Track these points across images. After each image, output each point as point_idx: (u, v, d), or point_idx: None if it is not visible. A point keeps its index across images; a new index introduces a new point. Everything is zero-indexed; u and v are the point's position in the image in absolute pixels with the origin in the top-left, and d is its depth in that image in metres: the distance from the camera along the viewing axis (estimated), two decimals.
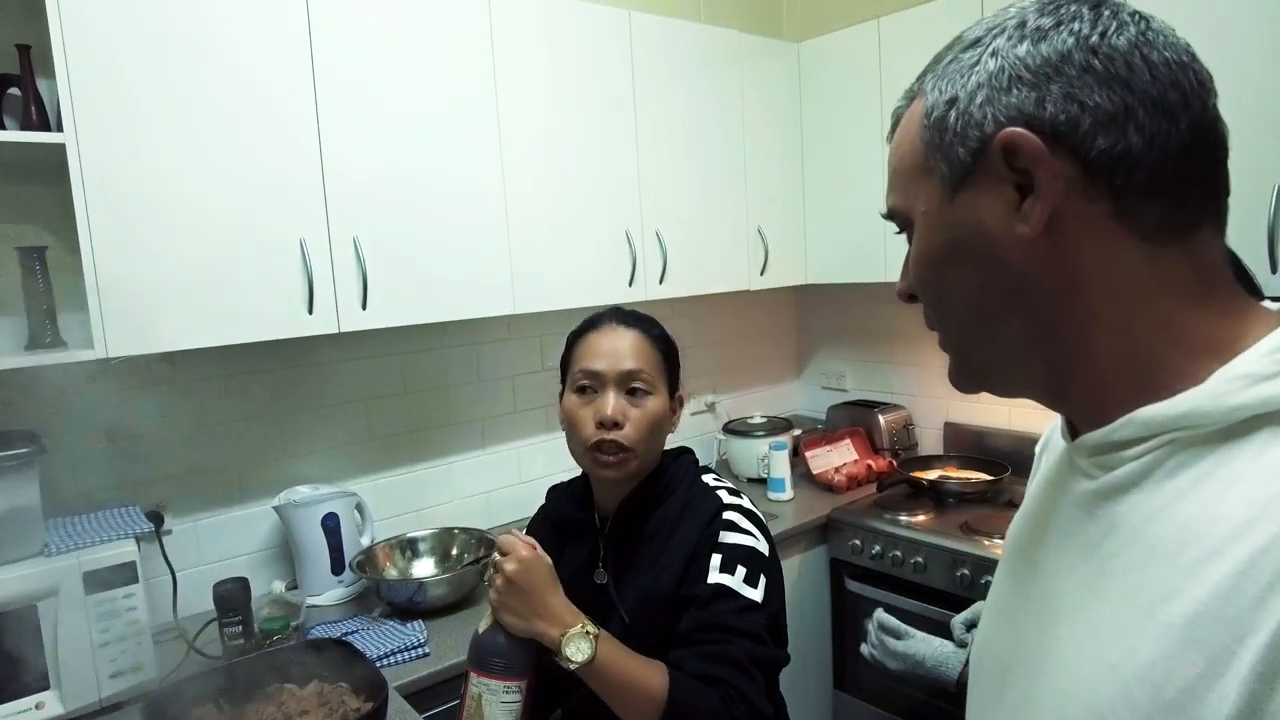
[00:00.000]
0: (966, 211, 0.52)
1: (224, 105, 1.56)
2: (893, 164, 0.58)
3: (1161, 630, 0.44)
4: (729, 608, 1.06)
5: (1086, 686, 0.48)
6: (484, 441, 2.39)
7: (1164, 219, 0.49)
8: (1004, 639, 0.61)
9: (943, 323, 0.58)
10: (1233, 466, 0.45)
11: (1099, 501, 0.52)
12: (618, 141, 2.21)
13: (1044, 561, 0.58)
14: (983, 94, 0.51)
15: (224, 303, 1.59)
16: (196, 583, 1.84)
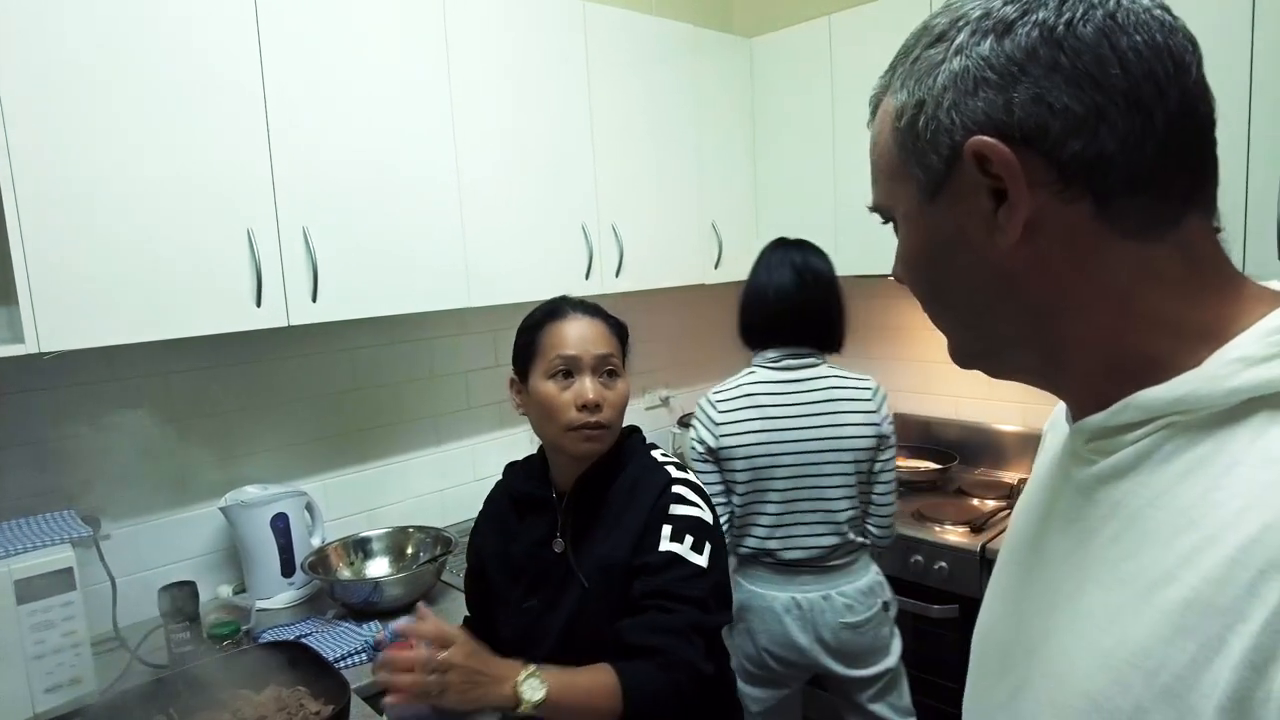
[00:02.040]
0: (945, 218, 0.52)
1: (166, 89, 1.49)
2: (872, 159, 0.58)
3: (1156, 616, 0.44)
4: (678, 574, 1.14)
5: (1081, 671, 0.48)
6: (437, 439, 2.34)
7: (1147, 213, 0.48)
8: (1005, 623, 0.61)
9: (935, 315, 0.58)
10: (1229, 451, 0.44)
11: (1098, 486, 0.52)
12: (573, 134, 2.19)
13: (1044, 546, 0.57)
14: (949, 97, 0.49)
15: (166, 295, 1.52)
16: (138, 589, 1.76)
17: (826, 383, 1.80)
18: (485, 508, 1.48)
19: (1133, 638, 0.45)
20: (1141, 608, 0.45)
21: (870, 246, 2.18)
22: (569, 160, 2.18)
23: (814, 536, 1.80)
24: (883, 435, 1.81)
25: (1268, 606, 0.39)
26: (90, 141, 1.42)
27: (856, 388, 1.81)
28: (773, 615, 1.81)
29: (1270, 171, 1.54)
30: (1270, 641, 0.38)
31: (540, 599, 1.26)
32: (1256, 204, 1.57)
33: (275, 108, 1.63)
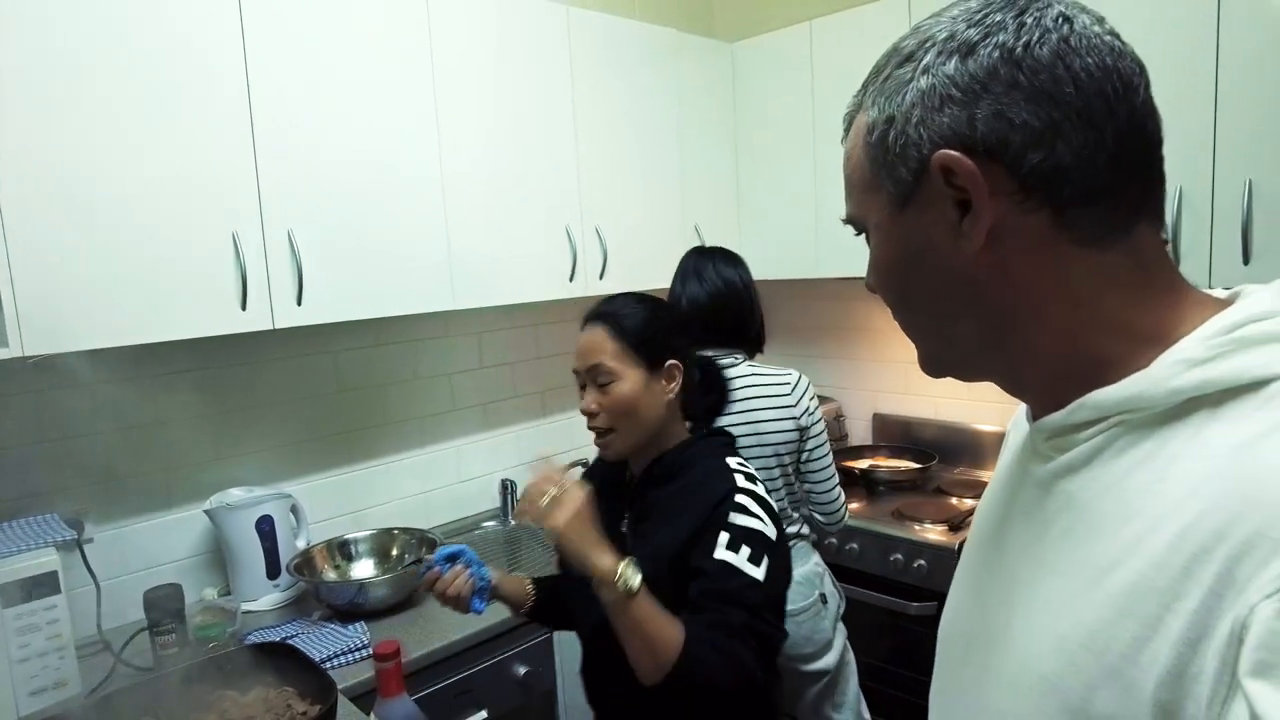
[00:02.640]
0: (913, 227, 0.55)
1: (152, 93, 1.49)
2: (846, 172, 0.60)
3: (1103, 599, 0.47)
4: (734, 583, 1.13)
5: (1037, 655, 0.51)
6: (422, 440, 2.35)
7: (1102, 222, 0.51)
8: (968, 614, 0.63)
9: (904, 322, 0.61)
10: (1172, 446, 0.47)
11: (1054, 481, 0.55)
12: (557, 137, 2.20)
13: (1006, 539, 0.60)
14: (916, 114, 0.52)
15: (151, 298, 1.52)
16: (122, 593, 1.76)
17: (743, 380, 1.84)
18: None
19: (1084, 621, 0.48)
20: (1091, 593, 0.48)
21: (850, 250, 2.19)
22: (553, 163, 2.20)
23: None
24: (802, 427, 1.84)
25: (1202, 587, 0.41)
26: (75, 145, 1.42)
27: (772, 383, 1.85)
28: None
29: (1235, 180, 1.59)
30: (1203, 620, 0.41)
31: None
32: (1222, 213, 1.61)
33: (260, 111, 1.64)
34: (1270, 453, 0.42)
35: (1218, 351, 0.46)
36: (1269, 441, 0.42)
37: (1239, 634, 0.39)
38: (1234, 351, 0.46)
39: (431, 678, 1.69)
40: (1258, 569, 0.39)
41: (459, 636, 1.72)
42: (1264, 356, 0.45)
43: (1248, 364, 0.45)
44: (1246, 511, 0.41)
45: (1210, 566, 0.41)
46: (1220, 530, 0.41)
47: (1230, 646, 0.39)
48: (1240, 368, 0.46)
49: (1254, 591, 0.39)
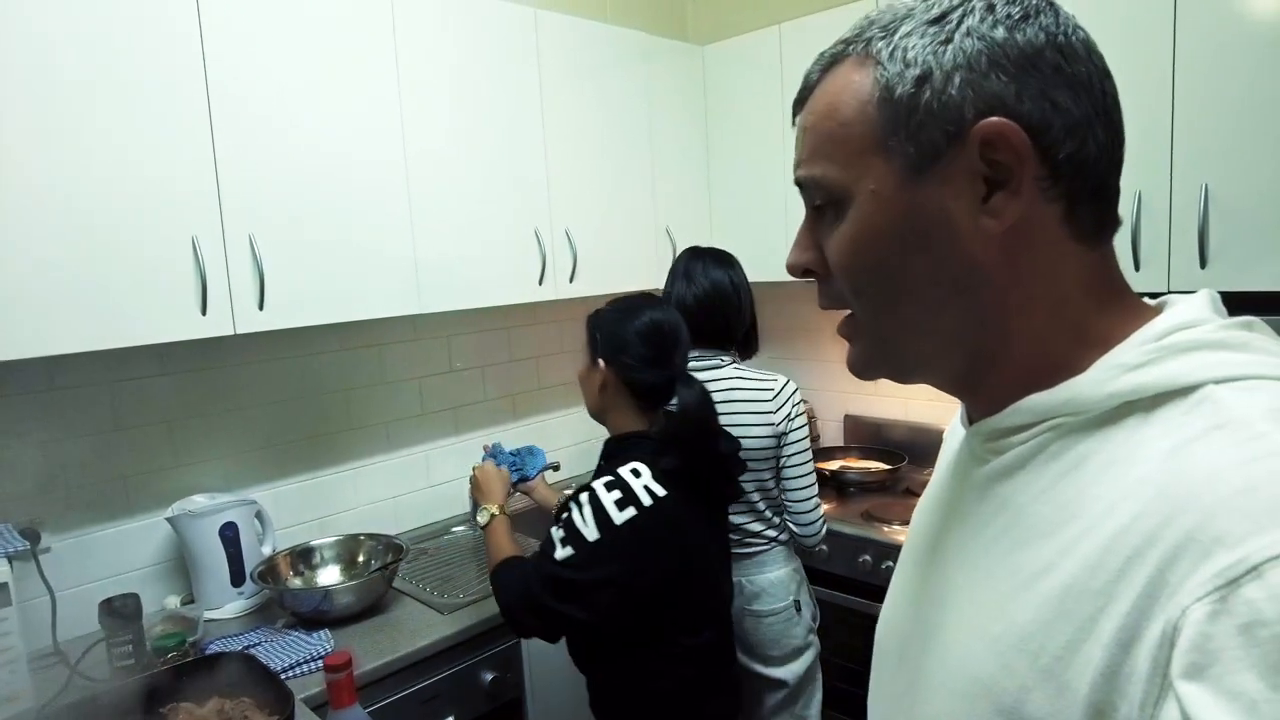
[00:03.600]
0: (928, 198, 0.50)
1: (106, 94, 1.47)
2: (824, 130, 0.54)
3: (1038, 602, 0.47)
4: (546, 549, 1.43)
5: (972, 657, 0.51)
6: (390, 445, 2.34)
7: (1098, 221, 0.51)
8: (903, 617, 0.63)
9: (874, 309, 0.55)
10: (1107, 450, 0.47)
11: (990, 484, 0.55)
12: (526, 139, 2.19)
13: (942, 542, 0.60)
14: (961, 75, 0.48)
15: (109, 303, 1.50)
16: (80, 603, 1.73)
17: (728, 384, 1.86)
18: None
19: (1018, 624, 0.48)
20: (1026, 595, 0.48)
21: None
22: (522, 165, 2.19)
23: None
24: (781, 433, 1.84)
25: (1135, 590, 0.41)
26: (28, 146, 1.39)
27: (756, 388, 1.85)
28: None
29: (1192, 185, 1.61)
30: (1135, 621, 0.41)
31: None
32: (1179, 217, 1.63)
33: (219, 111, 1.61)
34: (1199, 456, 0.42)
35: (1150, 358, 0.47)
36: (1198, 445, 0.43)
37: (1171, 636, 0.39)
38: (1164, 358, 0.47)
39: (397, 685, 1.67)
40: (1189, 572, 0.39)
41: (425, 643, 1.71)
42: (1192, 363, 0.46)
43: (1178, 370, 0.46)
44: (1178, 515, 0.41)
45: (1143, 569, 0.41)
46: (1152, 534, 0.42)
47: (1162, 648, 0.40)
48: (1171, 373, 0.46)
49: (1185, 594, 0.39)
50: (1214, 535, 0.39)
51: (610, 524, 1.37)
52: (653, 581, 1.41)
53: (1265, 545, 0.37)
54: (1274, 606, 0.36)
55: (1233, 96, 1.55)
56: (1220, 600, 0.37)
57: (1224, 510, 0.39)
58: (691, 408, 1.51)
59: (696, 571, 1.49)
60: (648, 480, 1.42)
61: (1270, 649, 0.36)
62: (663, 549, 1.42)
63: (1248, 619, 0.36)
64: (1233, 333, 0.47)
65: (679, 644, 1.49)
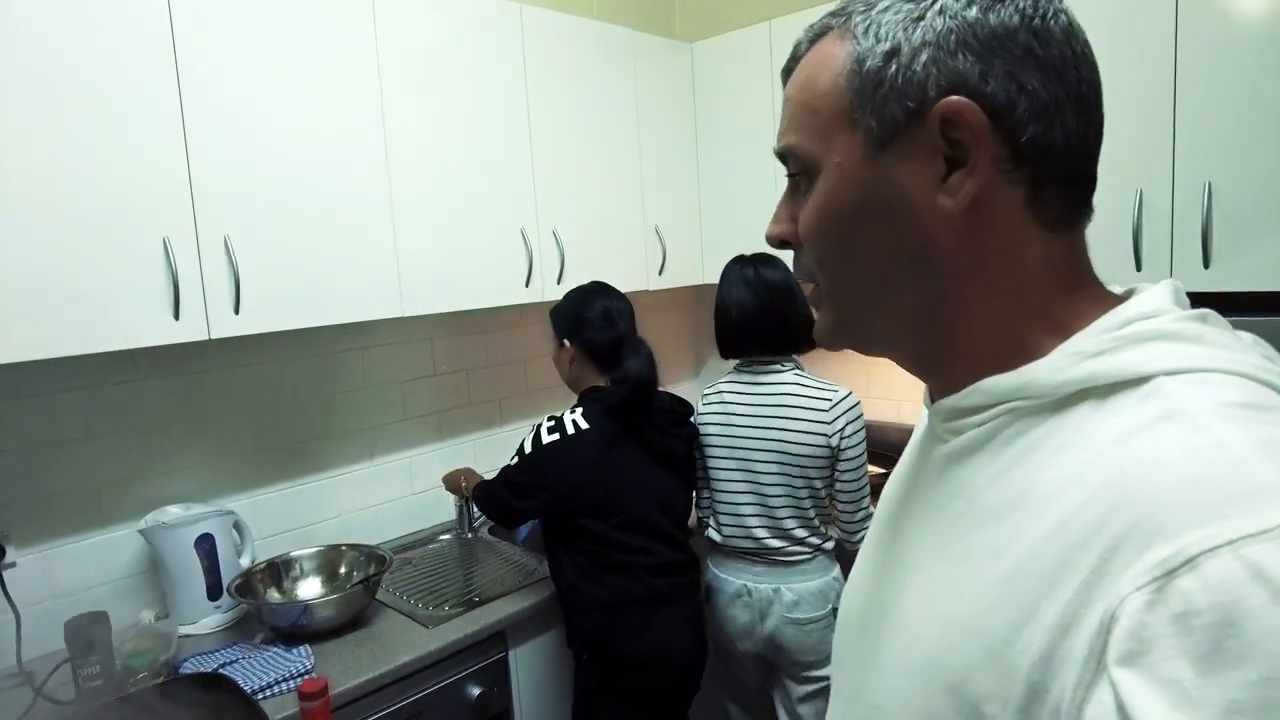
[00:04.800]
0: (889, 173, 0.51)
1: (72, 90, 1.40)
2: (801, 100, 0.54)
3: (987, 584, 0.47)
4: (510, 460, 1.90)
5: (923, 635, 0.52)
6: (372, 452, 2.27)
7: (1066, 208, 0.51)
8: (863, 594, 0.64)
9: (834, 281, 0.56)
10: (1059, 435, 0.48)
11: (948, 465, 0.56)
12: (511, 137, 2.14)
13: (901, 520, 0.61)
14: (928, 53, 0.49)
15: (77, 309, 1.43)
16: (47, 620, 1.66)
17: (785, 389, 1.88)
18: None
19: (967, 604, 0.49)
20: (976, 577, 0.49)
21: None
22: (507, 164, 2.14)
23: (756, 530, 1.90)
24: (834, 446, 1.84)
25: (1079, 576, 0.42)
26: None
27: (814, 397, 1.86)
28: (725, 598, 1.94)
29: (1195, 183, 1.57)
30: (1075, 608, 0.42)
31: None
32: (1181, 216, 1.59)
33: (192, 108, 1.55)
34: (1146, 447, 0.43)
35: (1108, 346, 0.48)
36: (1145, 435, 0.43)
37: (1108, 624, 0.40)
38: (1122, 347, 0.47)
39: (380, 702, 1.61)
40: (1129, 562, 0.40)
41: (409, 658, 1.65)
42: (1148, 353, 0.46)
43: (1133, 359, 0.47)
44: (1122, 505, 0.41)
45: (1087, 557, 0.42)
46: (1098, 521, 0.42)
47: (1099, 634, 0.40)
48: (1126, 363, 0.47)
49: (1124, 583, 0.39)
50: (1155, 527, 0.40)
51: (539, 443, 1.82)
52: (570, 491, 1.78)
53: (1202, 538, 0.38)
54: (1207, 597, 0.37)
55: (1236, 92, 1.51)
56: (1157, 590, 0.38)
57: (1165, 502, 0.40)
58: (632, 369, 1.83)
59: (618, 493, 1.80)
60: (576, 417, 1.83)
61: (1202, 638, 0.37)
62: (577, 465, 1.78)
63: (1182, 609, 0.37)
64: (1188, 324, 0.48)
65: (611, 556, 1.79)
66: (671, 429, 1.91)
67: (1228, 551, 0.37)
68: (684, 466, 1.96)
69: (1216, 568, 0.37)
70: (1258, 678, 0.35)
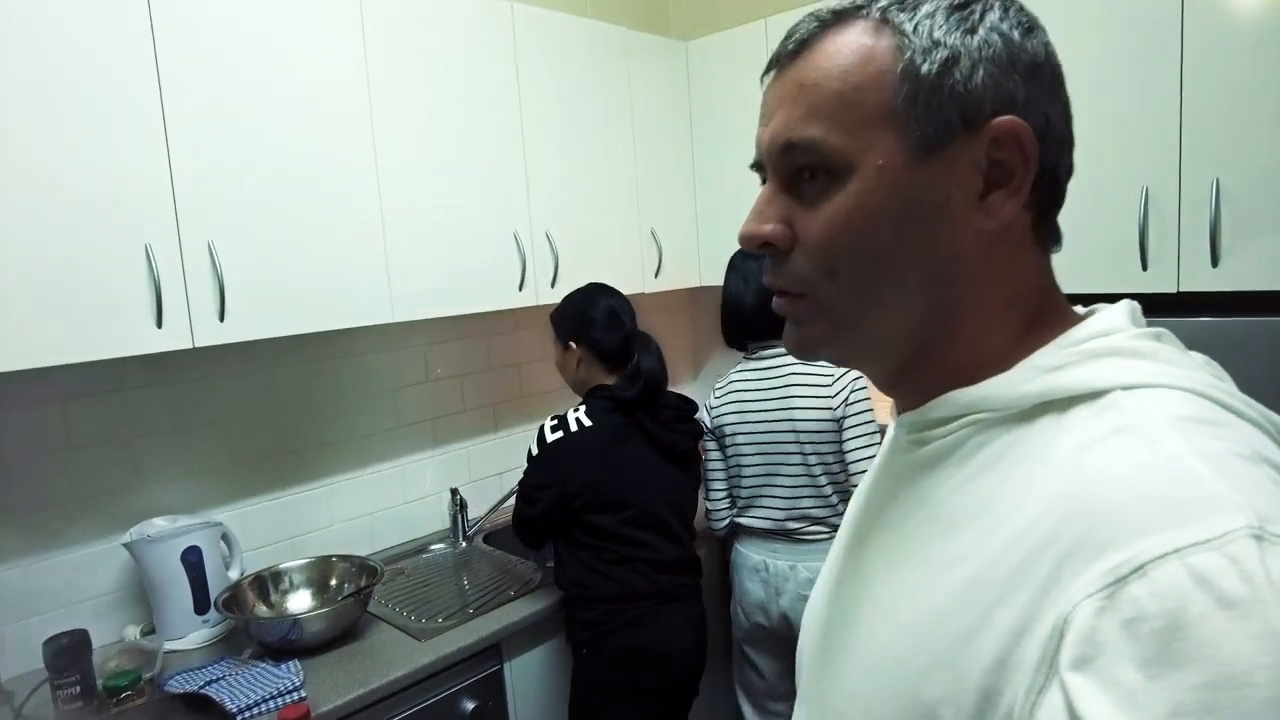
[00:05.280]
0: (936, 180, 0.50)
1: (47, 93, 1.36)
2: (833, 91, 0.50)
3: (946, 590, 0.48)
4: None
5: (882, 640, 0.53)
6: (365, 460, 2.23)
7: (1053, 234, 0.54)
8: (826, 601, 0.65)
9: (846, 290, 0.52)
10: (1021, 447, 0.49)
11: (913, 474, 0.56)
12: (503, 139, 2.10)
13: (867, 530, 0.62)
14: (985, 67, 0.49)
15: (54, 318, 1.39)
16: (27, 638, 1.62)
17: (789, 369, 1.97)
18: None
19: (927, 609, 0.49)
20: (936, 584, 0.49)
21: None
22: (499, 166, 2.09)
23: (775, 510, 1.98)
24: (839, 418, 1.90)
25: (1033, 583, 0.43)
26: None
27: (816, 373, 1.94)
28: (745, 572, 2.04)
29: (1202, 181, 1.53)
30: (1030, 614, 0.42)
31: None
32: (1189, 214, 1.55)
33: (173, 110, 1.51)
34: (1099, 459, 0.44)
35: (1067, 361, 0.49)
36: (1099, 448, 0.44)
37: (1061, 629, 0.40)
38: (1080, 362, 0.49)
39: (371, 718, 1.57)
40: (1081, 570, 0.41)
41: (401, 673, 1.61)
42: (1104, 368, 0.48)
43: (1090, 374, 0.48)
44: (1077, 514, 0.42)
45: (1042, 564, 0.43)
46: (1053, 530, 0.43)
47: (1051, 640, 0.41)
48: (1084, 377, 0.48)
49: (1076, 590, 0.40)
50: (1107, 536, 0.40)
51: (544, 442, 1.82)
52: (577, 487, 1.77)
53: (1151, 546, 0.39)
54: (1155, 603, 0.38)
55: (1244, 87, 1.47)
56: (1108, 597, 0.39)
57: (1117, 512, 0.41)
58: (645, 365, 1.84)
59: (625, 488, 1.79)
60: (580, 414, 1.82)
61: (1149, 643, 0.37)
62: (583, 462, 1.78)
63: (1131, 615, 0.38)
64: (1143, 342, 0.50)
65: (617, 551, 1.78)
66: (676, 425, 1.91)
67: (1175, 559, 0.38)
68: (690, 462, 1.96)
69: (1164, 575, 0.38)
70: (1201, 681, 0.36)
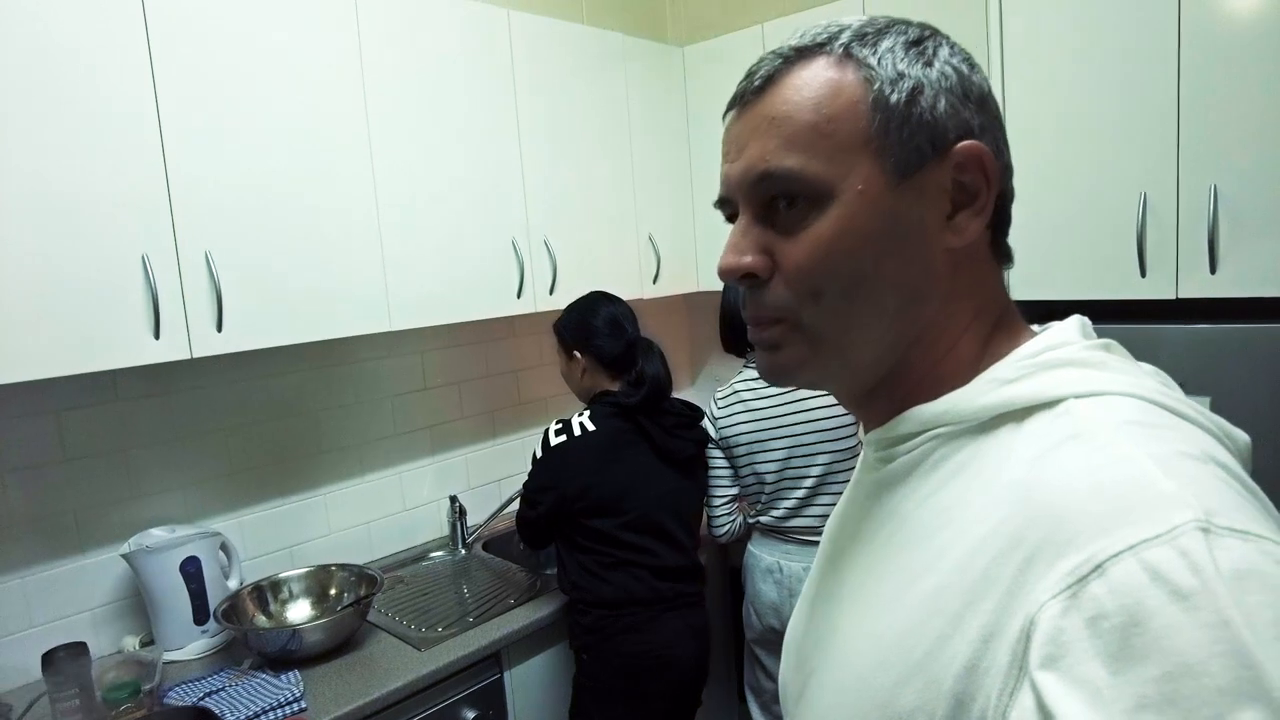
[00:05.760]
0: (911, 204, 0.52)
1: (42, 98, 1.36)
2: (807, 122, 0.52)
3: (914, 602, 0.49)
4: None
5: (855, 654, 0.53)
6: (362, 468, 2.22)
7: (1006, 251, 0.58)
8: (803, 623, 0.66)
9: (829, 313, 0.53)
10: (981, 457, 0.50)
11: (880, 492, 0.58)
12: (500, 145, 2.10)
13: (839, 548, 0.63)
14: (945, 98, 0.52)
15: (51, 329, 1.38)
16: (26, 649, 1.62)
17: None
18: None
19: (898, 622, 0.50)
20: (905, 596, 0.50)
21: None
22: (497, 173, 2.09)
23: (789, 516, 1.97)
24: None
25: (999, 588, 0.44)
26: None
27: None
28: (758, 574, 2.02)
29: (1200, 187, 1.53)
30: (997, 618, 0.43)
31: None
32: (1187, 221, 1.55)
33: (170, 119, 1.50)
34: (1056, 464, 0.45)
35: (1023, 373, 0.51)
36: (1056, 454, 0.46)
37: (1029, 630, 0.41)
38: (1035, 373, 0.51)
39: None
40: (1044, 571, 0.42)
41: (400, 683, 1.60)
42: (1058, 378, 0.50)
43: (1045, 384, 0.50)
44: (1037, 519, 0.44)
45: (1007, 569, 0.44)
46: (1016, 536, 0.44)
47: (1020, 642, 0.42)
48: (1040, 387, 0.50)
49: (1042, 591, 0.41)
50: (1066, 537, 0.42)
51: (547, 445, 1.84)
52: (577, 490, 1.78)
53: (1108, 545, 0.40)
54: (1114, 600, 0.39)
55: (1242, 92, 1.47)
56: (1071, 597, 0.40)
57: (1074, 515, 0.42)
58: (649, 371, 1.87)
59: (626, 493, 1.80)
60: (584, 419, 1.84)
61: (1112, 639, 0.38)
62: (582, 466, 1.80)
63: (1093, 613, 0.39)
64: (1094, 353, 0.52)
65: (616, 555, 1.79)
66: (678, 431, 1.92)
67: (1129, 556, 0.39)
68: (694, 468, 1.97)
69: (1120, 572, 0.39)
70: (1160, 673, 0.37)
